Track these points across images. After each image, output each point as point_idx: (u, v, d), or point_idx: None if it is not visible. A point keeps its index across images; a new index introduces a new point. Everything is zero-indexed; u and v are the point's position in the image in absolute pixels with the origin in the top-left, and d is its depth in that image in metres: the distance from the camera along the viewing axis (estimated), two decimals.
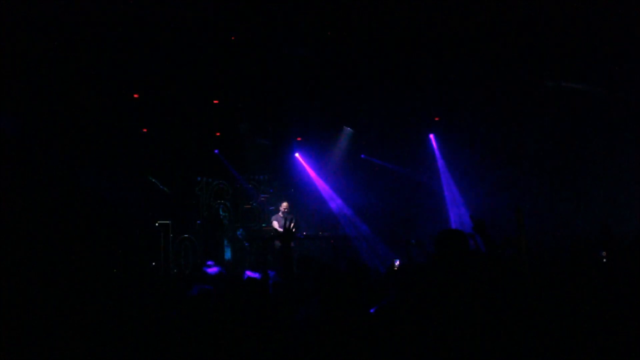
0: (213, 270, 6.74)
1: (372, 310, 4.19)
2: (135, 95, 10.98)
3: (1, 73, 7.64)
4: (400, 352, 3.21)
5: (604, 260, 6.22)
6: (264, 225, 13.92)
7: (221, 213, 13.77)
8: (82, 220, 9.00)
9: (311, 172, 14.54)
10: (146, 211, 12.39)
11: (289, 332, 3.51)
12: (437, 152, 14.33)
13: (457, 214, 13.86)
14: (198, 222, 13.23)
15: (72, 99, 9.00)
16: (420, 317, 3.30)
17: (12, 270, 7.25)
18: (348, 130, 14.14)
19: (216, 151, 13.70)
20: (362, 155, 14.52)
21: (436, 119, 13.55)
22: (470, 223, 4.55)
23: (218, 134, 13.55)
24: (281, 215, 12.16)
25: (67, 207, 8.64)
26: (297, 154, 14.56)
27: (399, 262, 8.67)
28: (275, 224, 12.07)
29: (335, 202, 14.39)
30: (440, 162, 14.30)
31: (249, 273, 6.83)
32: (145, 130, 12.44)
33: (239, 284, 5.76)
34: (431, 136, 14.30)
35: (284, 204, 12.27)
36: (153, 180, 12.36)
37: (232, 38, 8.98)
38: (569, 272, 4.39)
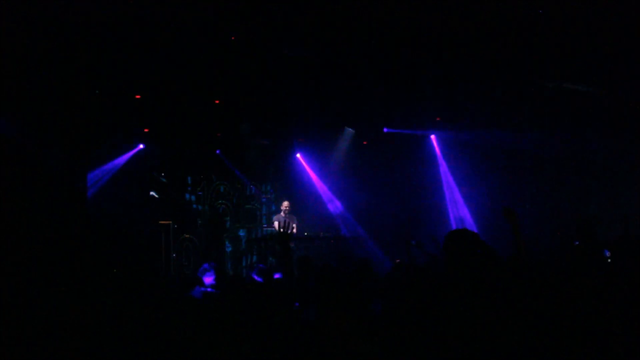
0: (208, 280, 6.67)
1: (377, 308, 4.18)
2: (137, 96, 11.00)
3: (1, 73, 7.64)
4: (403, 354, 3.20)
5: (609, 260, 6.21)
6: (265, 225, 13.93)
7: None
8: (82, 220, 9.00)
9: (312, 173, 14.54)
10: (147, 211, 12.41)
11: (290, 334, 3.51)
12: (438, 153, 14.32)
13: (458, 215, 13.85)
14: (199, 222, 13.23)
15: (73, 100, 9.00)
16: (426, 318, 3.29)
17: (12, 270, 7.26)
18: (349, 130, 14.14)
19: (218, 151, 13.73)
20: (364, 156, 14.50)
21: (437, 119, 13.54)
22: (471, 223, 4.54)
23: (219, 134, 13.56)
24: (282, 215, 12.16)
25: (68, 207, 8.63)
26: (298, 155, 14.56)
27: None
28: (277, 225, 12.07)
29: (335, 203, 14.38)
30: (441, 163, 14.29)
31: (255, 276, 6.82)
32: (146, 130, 12.46)
33: (240, 285, 5.75)
34: (432, 137, 14.30)
35: (285, 203, 12.27)
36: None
37: (232, 38, 8.98)
38: (571, 273, 4.38)
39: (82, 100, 9.22)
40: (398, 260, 8.29)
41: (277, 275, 6.77)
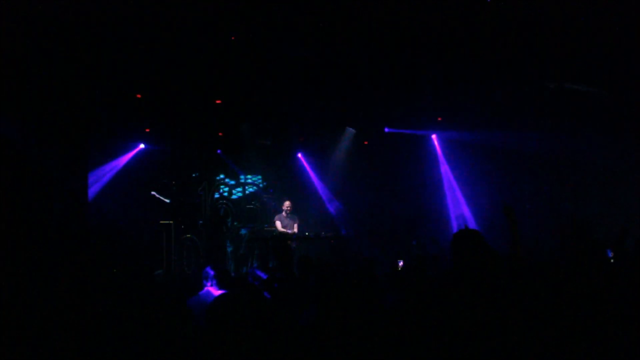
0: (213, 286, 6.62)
1: (389, 300, 4.18)
2: (138, 96, 11.00)
3: (1, 73, 7.64)
4: (404, 354, 3.19)
5: (612, 260, 6.21)
6: (266, 225, 13.93)
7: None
8: (82, 220, 9.01)
9: (312, 173, 14.55)
10: (148, 211, 12.41)
11: (290, 335, 3.50)
12: (439, 153, 14.33)
13: (459, 215, 13.85)
14: (200, 222, 13.23)
15: (73, 100, 9.01)
16: (428, 318, 3.29)
17: (12, 270, 7.26)
18: (350, 130, 14.14)
19: (219, 151, 13.74)
20: (364, 156, 14.51)
21: (439, 119, 13.54)
22: (472, 223, 4.54)
23: (220, 134, 13.57)
24: (284, 215, 12.15)
25: (68, 207, 8.64)
26: (299, 155, 14.57)
27: (403, 263, 8.70)
28: (278, 224, 12.06)
29: (336, 203, 14.39)
30: (442, 162, 14.29)
31: (258, 273, 6.81)
32: (147, 130, 12.47)
33: (241, 286, 5.75)
34: (433, 137, 14.30)
35: (286, 203, 12.27)
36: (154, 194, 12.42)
37: (232, 38, 8.98)
38: (573, 272, 4.38)
39: (82, 100, 9.22)
40: (401, 263, 8.31)
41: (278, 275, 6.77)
